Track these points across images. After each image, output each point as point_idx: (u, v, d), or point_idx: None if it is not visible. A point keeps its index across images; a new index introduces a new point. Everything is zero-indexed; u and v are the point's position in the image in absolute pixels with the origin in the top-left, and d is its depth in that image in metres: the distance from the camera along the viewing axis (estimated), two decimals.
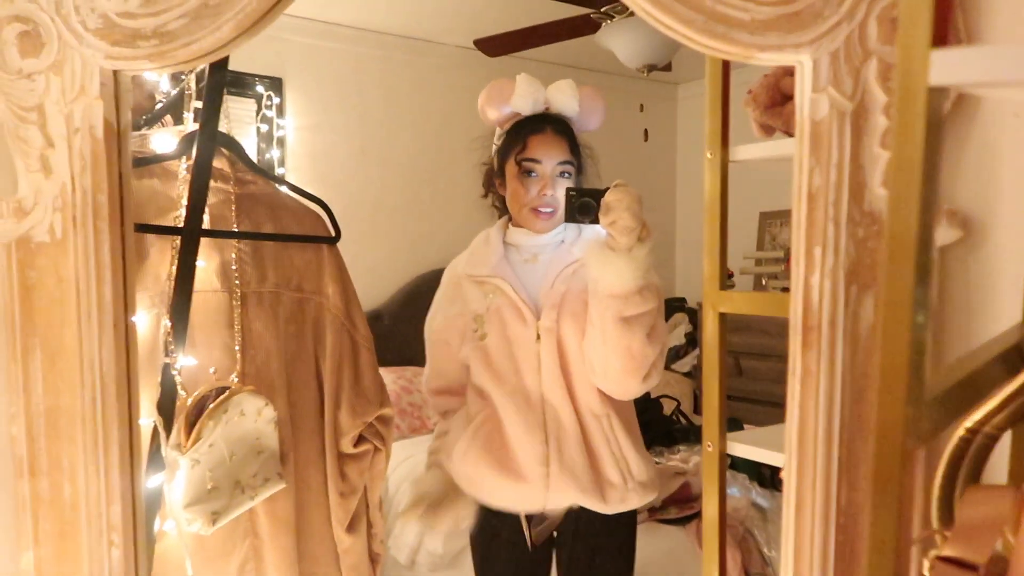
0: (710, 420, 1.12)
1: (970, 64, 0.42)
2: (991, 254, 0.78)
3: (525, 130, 1.48)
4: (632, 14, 2.61)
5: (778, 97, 1.14)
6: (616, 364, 1.38)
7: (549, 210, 1.47)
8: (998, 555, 0.59)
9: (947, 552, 0.59)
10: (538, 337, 1.45)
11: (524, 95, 1.48)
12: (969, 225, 0.79)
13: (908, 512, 0.50)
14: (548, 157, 1.46)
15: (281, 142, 3.52)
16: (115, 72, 0.84)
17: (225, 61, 1.11)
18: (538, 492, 1.45)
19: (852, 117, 0.72)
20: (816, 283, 0.75)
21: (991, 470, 0.70)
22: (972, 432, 0.68)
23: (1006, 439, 0.71)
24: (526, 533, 1.52)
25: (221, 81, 1.12)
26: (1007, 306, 0.75)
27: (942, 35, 0.44)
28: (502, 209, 1.61)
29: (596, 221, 1.35)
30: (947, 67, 0.42)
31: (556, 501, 1.46)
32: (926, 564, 0.61)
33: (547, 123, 1.49)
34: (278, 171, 3.45)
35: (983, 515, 0.58)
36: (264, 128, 3.47)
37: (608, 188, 1.33)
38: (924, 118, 0.42)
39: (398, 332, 3.29)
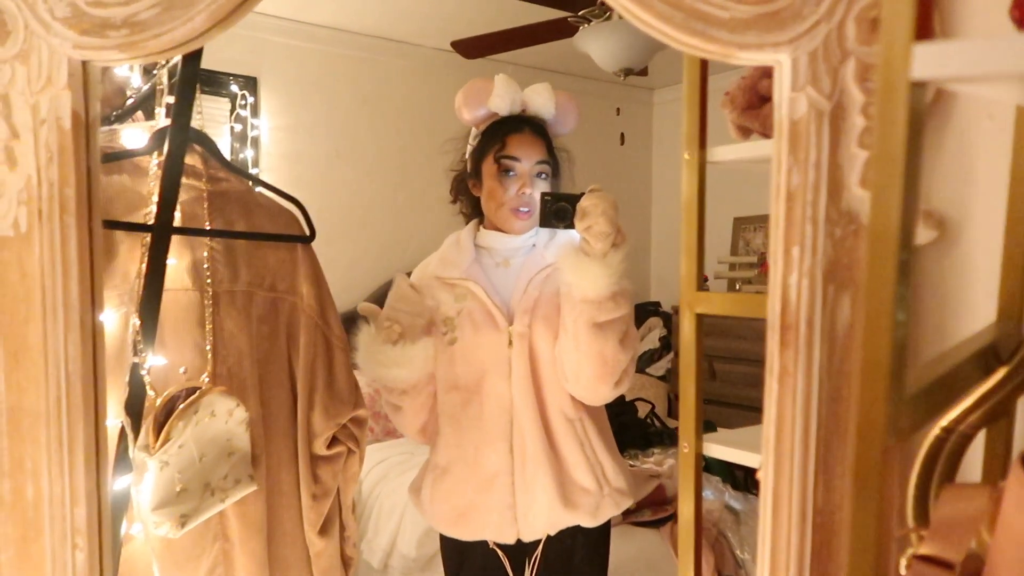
0: (686, 421, 1.12)
1: (952, 58, 0.42)
2: (966, 255, 0.79)
3: (504, 129, 1.48)
4: (609, 17, 2.62)
5: (755, 99, 1.14)
6: (589, 370, 1.38)
7: (527, 210, 1.47)
8: (974, 553, 0.59)
9: (924, 551, 0.60)
10: (510, 343, 1.44)
11: (502, 95, 1.47)
12: (944, 226, 0.79)
13: (888, 510, 0.49)
14: (527, 156, 1.46)
15: (255, 142, 3.48)
16: (84, 63, 0.82)
17: (198, 53, 1.09)
18: (506, 513, 1.44)
19: (830, 117, 0.72)
20: (794, 283, 0.74)
21: (965, 469, 0.71)
22: (947, 431, 0.69)
23: (980, 438, 0.71)
24: (507, 570, 1.52)
25: (194, 74, 1.10)
26: (981, 306, 0.76)
27: (923, 30, 0.44)
28: (471, 216, 1.60)
29: (572, 226, 1.34)
30: (929, 61, 0.42)
31: (525, 520, 1.45)
32: (903, 563, 0.61)
33: (525, 123, 1.49)
34: (252, 171, 3.41)
35: (959, 513, 0.59)
36: (238, 128, 3.43)
37: (584, 193, 1.33)
38: (906, 113, 0.42)
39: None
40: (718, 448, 1.15)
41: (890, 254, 0.44)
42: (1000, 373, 0.66)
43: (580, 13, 2.70)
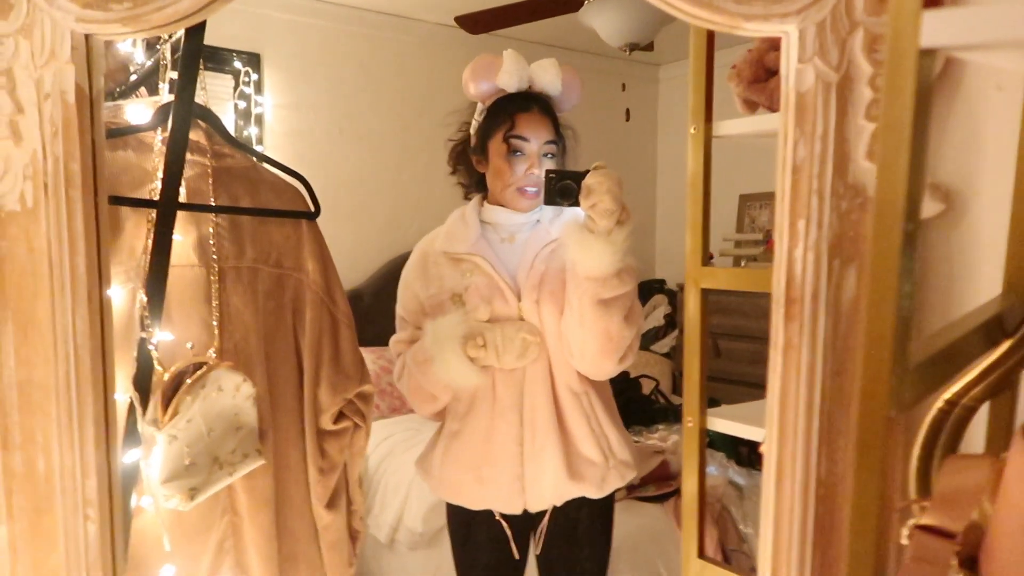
0: (690, 395, 1.12)
1: (962, 24, 0.41)
2: (972, 227, 0.79)
3: (512, 107, 1.47)
4: None
5: (762, 73, 1.13)
6: (593, 346, 1.38)
7: (535, 189, 1.46)
8: (975, 524, 0.59)
9: (926, 521, 0.60)
10: (520, 317, 1.45)
11: (511, 71, 1.46)
12: (951, 198, 0.79)
13: (890, 481, 0.50)
14: (536, 136, 1.45)
15: (259, 119, 3.46)
16: (87, 36, 0.81)
17: (202, 27, 1.08)
18: (514, 484, 1.45)
19: (837, 88, 0.72)
20: (800, 256, 0.74)
21: (969, 442, 0.71)
22: (951, 404, 0.69)
23: (984, 410, 0.71)
24: (510, 541, 1.53)
25: (197, 48, 1.09)
26: (987, 279, 0.75)
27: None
28: (468, 186, 1.60)
29: (576, 204, 1.34)
30: (939, 28, 0.41)
31: (533, 490, 1.47)
32: (904, 533, 0.62)
33: (533, 102, 1.48)
34: (256, 149, 3.40)
35: (962, 484, 0.59)
36: (242, 105, 3.41)
37: (588, 171, 1.32)
38: (914, 82, 0.42)
39: (378, 312, 3.27)
40: (721, 422, 1.15)
41: (896, 225, 0.44)
42: (1005, 345, 0.66)
43: None
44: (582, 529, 1.56)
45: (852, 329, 0.73)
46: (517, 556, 1.56)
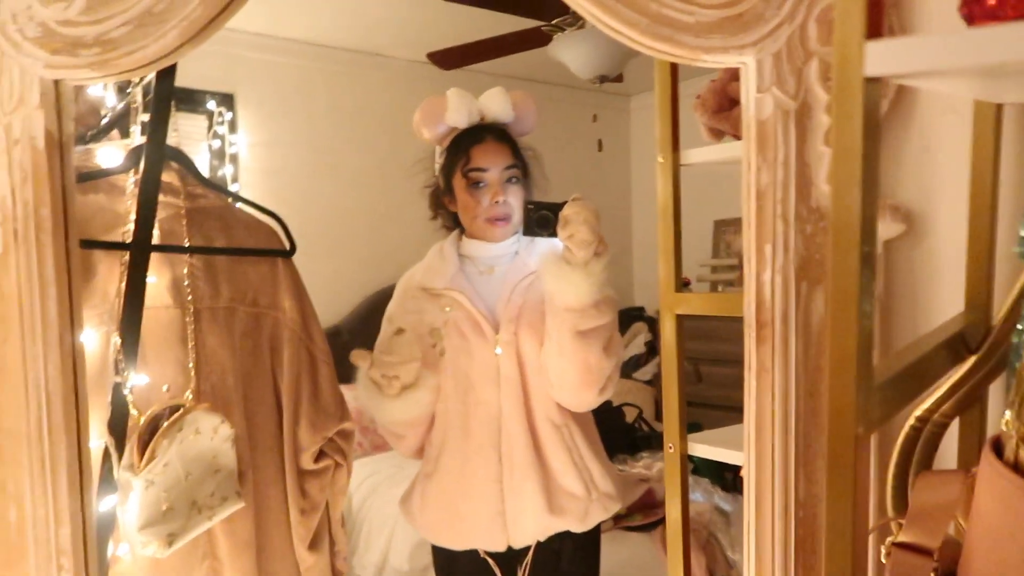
0: (671, 422, 1.13)
1: (903, 54, 0.43)
2: (933, 246, 0.81)
3: (466, 142, 1.48)
4: (583, 26, 2.64)
5: (726, 102, 1.16)
6: (573, 377, 1.39)
7: (503, 217, 1.47)
8: (951, 539, 0.60)
9: (903, 538, 0.61)
10: (497, 350, 1.45)
11: (458, 108, 1.48)
12: (912, 219, 0.81)
13: (863, 496, 0.50)
14: (494, 164, 1.46)
15: (234, 158, 3.47)
16: (56, 82, 0.82)
17: (172, 70, 1.09)
18: (496, 521, 1.44)
19: (796, 116, 0.74)
20: (768, 279, 0.76)
21: (942, 457, 0.72)
22: (922, 421, 0.70)
23: (955, 426, 0.73)
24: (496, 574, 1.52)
25: (168, 90, 1.10)
26: (950, 296, 0.77)
27: (876, 29, 0.45)
28: (451, 228, 1.61)
29: (554, 234, 1.35)
30: (881, 57, 0.43)
31: (515, 526, 1.45)
32: (883, 551, 0.62)
33: (486, 132, 1.49)
34: (231, 188, 3.40)
35: (935, 500, 0.60)
36: (216, 145, 3.41)
37: (566, 202, 1.34)
38: (861, 108, 0.43)
39: (358, 348, 3.25)
40: (703, 447, 1.16)
41: (853, 247, 0.45)
42: (969, 362, 0.67)
43: (554, 22, 2.72)
44: (568, 562, 1.54)
45: (822, 350, 0.74)
46: None
